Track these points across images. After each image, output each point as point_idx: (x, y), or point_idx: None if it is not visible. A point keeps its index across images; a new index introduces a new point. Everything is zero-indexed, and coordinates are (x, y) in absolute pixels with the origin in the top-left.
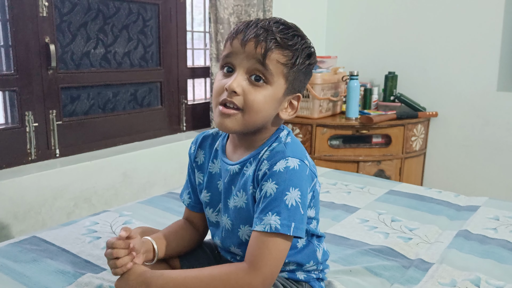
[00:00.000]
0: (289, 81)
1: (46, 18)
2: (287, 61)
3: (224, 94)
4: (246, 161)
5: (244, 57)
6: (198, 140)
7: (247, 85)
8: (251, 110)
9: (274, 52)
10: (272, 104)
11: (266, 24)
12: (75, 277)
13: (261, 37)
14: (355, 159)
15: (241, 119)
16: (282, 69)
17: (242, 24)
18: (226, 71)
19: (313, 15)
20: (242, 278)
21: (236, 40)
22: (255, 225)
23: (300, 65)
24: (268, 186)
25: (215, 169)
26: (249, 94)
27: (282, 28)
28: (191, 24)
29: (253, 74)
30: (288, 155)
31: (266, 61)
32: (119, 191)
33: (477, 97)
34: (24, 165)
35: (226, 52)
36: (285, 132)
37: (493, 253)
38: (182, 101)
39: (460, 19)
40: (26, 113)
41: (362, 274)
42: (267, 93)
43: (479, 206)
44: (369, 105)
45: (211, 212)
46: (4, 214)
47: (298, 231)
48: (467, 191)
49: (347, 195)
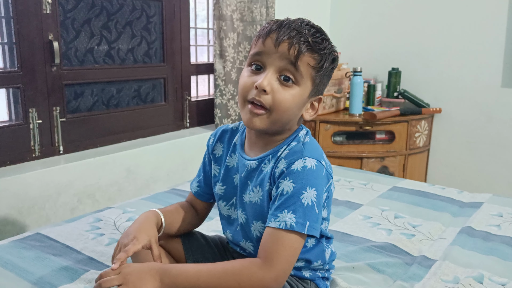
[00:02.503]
0: (315, 83)
1: (49, 15)
2: (316, 64)
3: (253, 92)
4: (265, 158)
5: (276, 57)
6: (218, 133)
7: (277, 84)
8: (279, 109)
9: (306, 55)
10: (298, 105)
11: (298, 26)
12: (79, 274)
13: (294, 39)
14: (359, 155)
15: (269, 118)
16: (311, 72)
17: (275, 24)
18: (254, 68)
19: (317, 11)
20: (255, 273)
21: (269, 39)
22: (269, 221)
23: (326, 69)
24: (285, 184)
25: (232, 163)
26: (278, 93)
27: (313, 31)
28: (195, 20)
29: (283, 74)
30: (306, 155)
31: (298, 63)
32: (123, 187)
33: (481, 93)
34: (28, 161)
35: (257, 50)
36: (303, 132)
37: (497, 250)
38: (185, 98)
39: (464, 15)
40: (30, 110)
41: (365, 271)
42: (295, 93)
43: (482, 203)
44: (372, 102)
45: (224, 206)
46: (9, 210)
47: (312, 230)
48: (470, 187)
49: (350, 191)
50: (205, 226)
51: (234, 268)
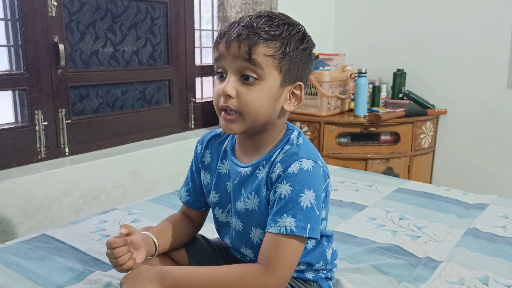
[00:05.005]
0: (283, 71)
1: (55, 18)
2: (275, 52)
3: (222, 99)
4: (259, 164)
5: (231, 59)
6: (205, 140)
7: (240, 86)
8: (249, 110)
9: (259, 46)
10: (268, 99)
11: (248, 21)
12: (84, 275)
13: (243, 35)
14: (364, 156)
15: (243, 121)
16: (272, 61)
17: (226, 26)
18: (220, 76)
19: (321, 12)
20: (258, 279)
21: (221, 43)
22: (269, 227)
23: (292, 53)
24: (282, 188)
25: (224, 169)
26: (243, 94)
27: (265, 20)
28: (199, 22)
29: (243, 73)
30: (302, 157)
31: (253, 57)
32: (128, 189)
33: (486, 95)
34: (34, 163)
35: (215, 56)
36: (295, 134)
37: (502, 252)
38: (190, 99)
39: (469, 16)
40: (36, 112)
41: (370, 272)
42: (261, 89)
43: (488, 204)
44: (377, 103)
45: (221, 213)
46: (15, 212)
47: (313, 232)
48: (476, 189)
49: (355, 193)
50: (208, 229)
51: (237, 273)
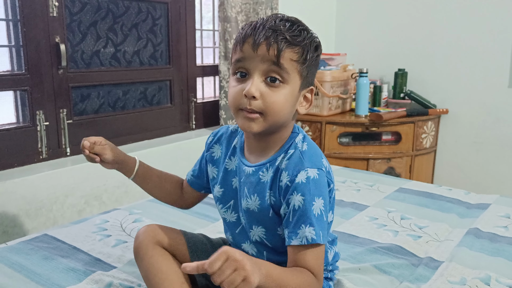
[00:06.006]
0: (303, 76)
1: (56, 18)
2: (299, 57)
3: (243, 100)
4: (262, 166)
5: (258, 61)
6: (218, 134)
7: (265, 87)
8: (273, 112)
9: (286, 51)
10: (291, 102)
11: (273, 24)
12: (86, 275)
13: (271, 39)
14: (365, 156)
15: (264, 121)
16: (296, 66)
17: (249, 28)
18: (239, 76)
19: (322, 12)
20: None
21: (246, 44)
22: (290, 240)
23: (310, 59)
24: (294, 199)
25: (231, 166)
26: (268, 96)
27: (289, 25)
28: (200, 22)
29: (269, 76)
30: (307, 166)
31: (281, 61)
32: (130, 189)
33: (488, 94)
34: (36, 163)
35: (237, 57)
36: (300, 137)
37: (504, 251)
38: (191, 99)
39: (470, 15)
40: (37, 112)
41: (371, 272)
42: (286, 92)
43: (489, 204)
44: (378, 103)
45: (221, 208)
46: (16, 212)
47: (324, 239)
48: (477, 188)
49: (357, 192)
50: (209, 229)
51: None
